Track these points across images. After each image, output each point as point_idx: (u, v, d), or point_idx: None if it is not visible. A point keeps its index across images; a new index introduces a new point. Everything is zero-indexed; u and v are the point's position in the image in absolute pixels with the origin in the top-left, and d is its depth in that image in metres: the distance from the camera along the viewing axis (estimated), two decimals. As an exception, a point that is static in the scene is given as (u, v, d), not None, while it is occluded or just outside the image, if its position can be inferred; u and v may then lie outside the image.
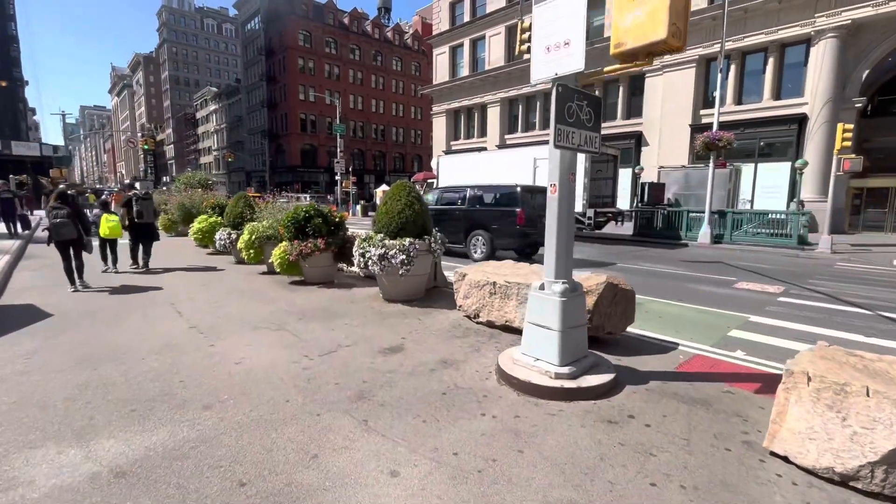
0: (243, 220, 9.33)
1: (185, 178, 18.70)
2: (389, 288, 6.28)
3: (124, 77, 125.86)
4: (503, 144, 32.95)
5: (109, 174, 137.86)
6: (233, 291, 7.00)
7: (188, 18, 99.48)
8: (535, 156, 18.02)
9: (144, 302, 6.31)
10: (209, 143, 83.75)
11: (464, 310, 5.40)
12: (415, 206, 6.19)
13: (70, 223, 7.12)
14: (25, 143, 39.51)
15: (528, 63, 30.46)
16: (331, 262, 7.55)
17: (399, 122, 69.34)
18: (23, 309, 5.85)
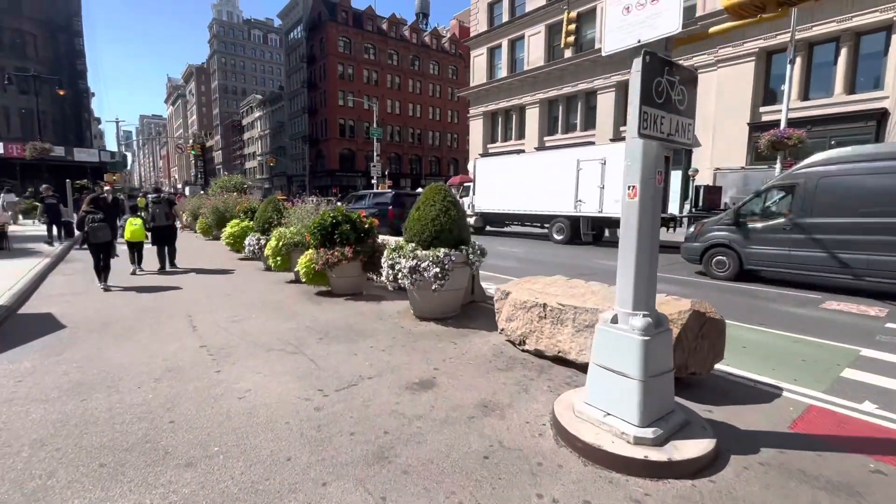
0: (271, 226, 8.94)
1: (221, 182, 18.85)
2: (421, 304, 5.58)
3: (178, 87, 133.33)
4: (542, 146, 31.80)
5: (164, 179, 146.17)
6: (255, 303, 6.53)
7: (236, 30, 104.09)
8: (578, 157, 16.93)
9: (162, 313, 5.92)
10: (254, 149, 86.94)
11: (507, 334, 4.61)
12: (450, 212, 5.47)
13: (106, 227, 7.60)
14: (86, 150, 42.09)
15: (569, 62, 29.34)
16: (359, 272, 6.95)
17: (435, 126, 69.21)
18: (39, 319, 5.58)
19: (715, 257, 9.47)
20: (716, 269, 9.46)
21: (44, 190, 14.64)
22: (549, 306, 4.07)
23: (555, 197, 17.70)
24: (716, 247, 9.46)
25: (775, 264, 8.65)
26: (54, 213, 13.34)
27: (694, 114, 2.78)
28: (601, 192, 16.12)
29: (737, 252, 9.13)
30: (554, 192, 17.71)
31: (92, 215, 7.58)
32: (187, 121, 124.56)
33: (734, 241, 9.20)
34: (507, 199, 19.47)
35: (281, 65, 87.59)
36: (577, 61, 29.44)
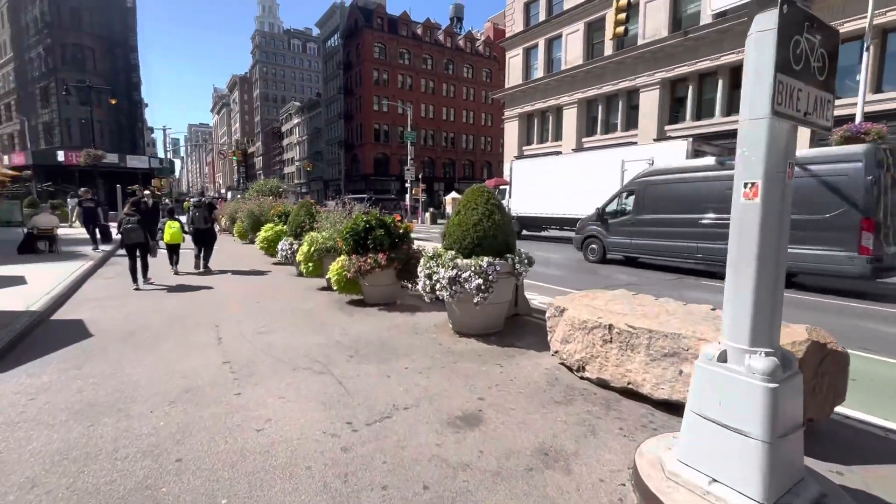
0: (304, 230, 8.67)
1: (257, 186, 19.03)
2: (461, 317, 5.04)
3: (223, 97, 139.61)
4: (580, 148, 30.67)
5: (209, 184, 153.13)
6: (284, 312, 6.19)
7: (277, 40, 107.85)
8: (623, 158, 15.96)
9: (189, 321, 5.67)
10: (292, 154, 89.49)
11: (562, 357, 3.99)
12: (494, 216, 4.90)
13: (139, 229, 7.87)
14: (137, 157, 44.38)
15: (609, 59, 28.11)
16: (393, 280, 6.50)
17: (469, 130, 68.81)
18: (69, 326, 5.44)
19: (589, 246, 12.33)
20: (589, 255, 12.28)
21: (81, 193, 14.12)
22: (616, 328, 3.43)
23: (597, 199, 16.76)
24: (589, 238, 12.33)
25: (623, 250, 11.44)
26: (91, 216, 12.87)
27: (834, 88, 2.11)
28: (648, 194, 15.08)
29: (602, 241, 11.82)
30: (596, 194, 16.77)
31: (129, 217, 7.92)
32: (231, 128, 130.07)
33: (599, 234, 11.97)
34: (545, 202, 18.68)
35: (318, 72, 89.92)
36: (618, 59, 28.24)
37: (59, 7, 46.30)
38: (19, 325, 5.06)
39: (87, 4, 48.34)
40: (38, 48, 46.71)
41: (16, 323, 5.11)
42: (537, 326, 5.43)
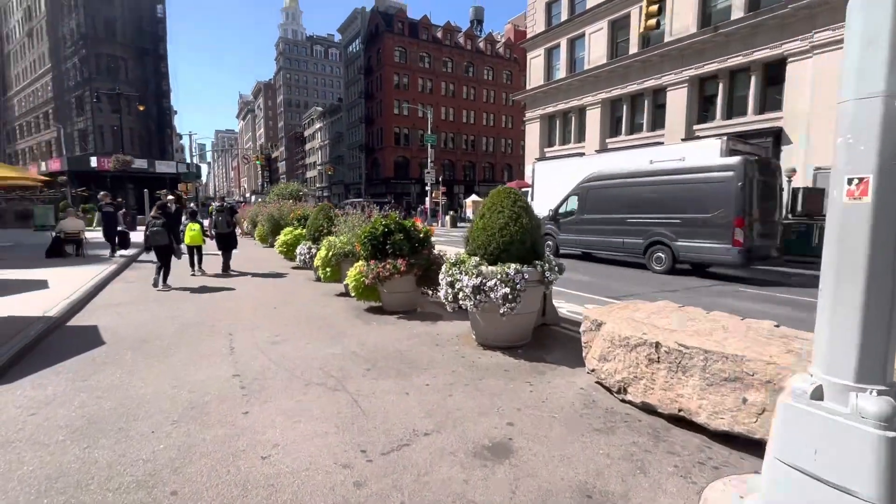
0: (322, 234, 8.47)
1: (277, 190, 19.10)
2: (485, 328, 4.69)
3: (248, 103, 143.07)
4: (603, 149, 29.91)
5: (235, 188, 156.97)
6: (299, 319, 5.96)
7: (300, 47, 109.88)
8: (652, 158, 15.29)
9: (203, 328, 5.49)
10: (314, 159, 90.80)
11: (599, 376, 3.59)
12: (521, 219, 4.54)
13: (163, 231, 8.16)
14: (165, 163, 45.66)
15: (635, 58, 27.31)
16: (413, 287, 6.20)
17: (489, 132, 68.43)
18: (83, 333, 5.32)
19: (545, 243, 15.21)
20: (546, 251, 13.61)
21: (101, 197, 13.63)
22: (664, 347, 3.02)
23: (624, 202, 16.17)
24: (545, 235, 12.39)
25: (572, 246, 13.00)
26: (111, 222, 12.34)
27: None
28: (679, 195, 14.41)
29: (555, 239, 13.32)
30: (622, 196, 16.19)
31: (154, 220, 8.27)
32: (255, 134, 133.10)
33: (553, 232, 13.27)
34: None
35: (340, 77, 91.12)
36: (643, 57, 27.47)
37: (94, 19, 48.19)
38: (33, 331, 4.96)
39: (120, 16, 50.19)
40: (74, 59, 48.68)
41: (30, 329, 5.01)
42: (568, 338, 5.03)
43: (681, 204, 10.31)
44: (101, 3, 48.38)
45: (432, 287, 6.23)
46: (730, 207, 9.41)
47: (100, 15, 48.57)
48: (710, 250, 9.80)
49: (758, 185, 9.66)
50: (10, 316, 5.63)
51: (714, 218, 9.67)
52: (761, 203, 9.76)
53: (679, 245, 10.41)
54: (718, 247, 9.59)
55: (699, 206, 9.95)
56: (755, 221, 9.53)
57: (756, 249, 9.59)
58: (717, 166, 10.06)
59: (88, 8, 47.49)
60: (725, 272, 10.88)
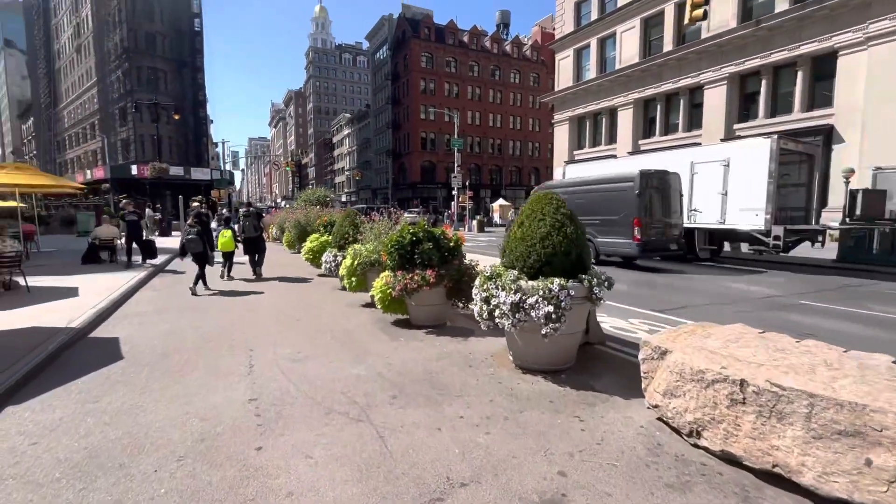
0: (347, 242, 8.19)
1: (305, 196, 19.12)
2: (524, 349, 4.21)
3: (280, 111, 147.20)
4: (636, 151, 28.84)
5: (267, 194, 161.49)
6: (323, 333, 5.63)
7: (329, 55, 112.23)
8: (692, 159, 14.40)
9: (224, 342, 5.24)
10: (342, 164, 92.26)
11: (664, 414, 3.06)
12: (565, 228, 4.05)
13: (198, 239, 8.54)
14: (201, 170, 47.17)
15: (669, 56, 26.23)
16: (443, 299, 5.78)
17: (516, 136, 67.67)
18: (103, 346, 5.16)
19: None
20: None
21: (124, 205, 12.77)
22: (751, 386, 2.48)
23: (662, 206, 15.31)
24: None
25: None
26: (134, 231, 11.37)
27: None
28: (723, 199, 13.48)
29: None
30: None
31: (190, 229, 8.68)
32: (286, 141, 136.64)
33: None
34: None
35: (368, 84, 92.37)
36: (679, 54, 26.38)
37: (136, 33, 50.45)
38: (53, 344, 4.82)
39: (160, 30, 52.40)
40: (118, 72, 51.05)
41: (50, 342, 4.88)
42: (617, 361, 4.50)
43: (600, 208, 12.59)
44: (143, 19, 50.64)
45: (463, 300, 5.80)
46: (631, 210, 11.74)
47: (141, 29, 50.82)
48: (620, 244, 12.12)
49: (654, 193, 12.09)
50: (36, 326, 5.55)
51: (621, 219, 12.02)
52: (657, 207, 12.16)
53: (599, 241, 12.63)
54: (624, 241, 11.86)
55: (612, 210, 12.31)
56: (651, 221, 11.88)
57: (652, 244, 11.90)
58: (622, 177, 12.45)
59: (131, 23, 49.77)
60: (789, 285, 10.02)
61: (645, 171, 12.19)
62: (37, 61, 74.59)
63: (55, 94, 69.04)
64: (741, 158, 13.07)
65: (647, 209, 11.82)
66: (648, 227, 11.75)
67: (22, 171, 11.34)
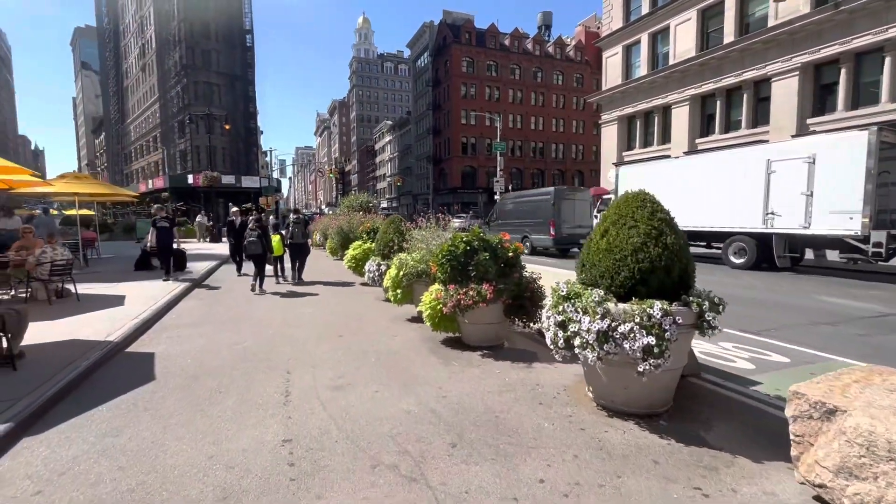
0: (392, 251, 7.65)
1: (347, 201, 18.97)
2: (610, 387, 3.42)
3: (325, 120, 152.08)
4: (692, 150, 26.86)
5: (312, 201, 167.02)
6: (367, 353, 5.06)
7: (371, 65, 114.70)
8: (769, 157, 12.88)
9: (261, 361, 4.78)
10: (384, 171, 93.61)
11: (833, 495, 2.19)
12: (665, 237, 3.24)
13: (258, 242, 9.24)
14: (250, 178, 49.00)
15: (731, 47, 24.30)
16: (500, 317, 5.07)
17: (559, 138, 65.87)
18: (137, 362, 4.84)
19: None
20: None
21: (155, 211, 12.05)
22: None
23: (731, 209, 13.81)
24: None
25: None
26: (166, 239, 10.26)
27: None
28: (807, 200, 11.90)
29: None
30: (730, 202, 13.84)
31: (251, 232, 9.37)
32: (331, 149, 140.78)
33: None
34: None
35: (409, 92, 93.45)
36: (742, 45, 24.37)
37: (194, 51, 53.45)
38: (87, 362, 4.53)
39: (214, 47, 55.25)
40: (177, 88, 54.24)
41: (84, 359, 4.60)
42: (723, 402, 3.61)
43: (532, 213, 18.31)
44: (199, 37, 53.58)
45: (524, 318, 5.06)
46: (548, 214, 17.36)
47: (198, 47, 53.79)
48: (543, 239, 17.42)
49: (565, 204, 17.47)
50: (76, 339, 5.35)
51: (544, 221, 17.48)
52: (567, 214, 17.42)
53: (532, 237, 17.90)
54: (545, 237, 16.87)
55: (539, 214, 17.88)
56: (563, 223, 17.18)
57: (563, 240, 16.97)
58: (545, 191, 18.73)
59: (189, 41, 52.77)
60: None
61: (559, 188, 18.74)
62: (108, 80, 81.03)
63: (123, 110, 74.56)
64: (831, 154, 11.49)
65: (559, 214, 17.22)
66: (560, 227, 17.13)
67: (81, 180, 11.76)
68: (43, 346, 5.00)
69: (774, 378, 4.23)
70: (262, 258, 9.32)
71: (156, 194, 49.19)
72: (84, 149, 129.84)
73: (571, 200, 17.77)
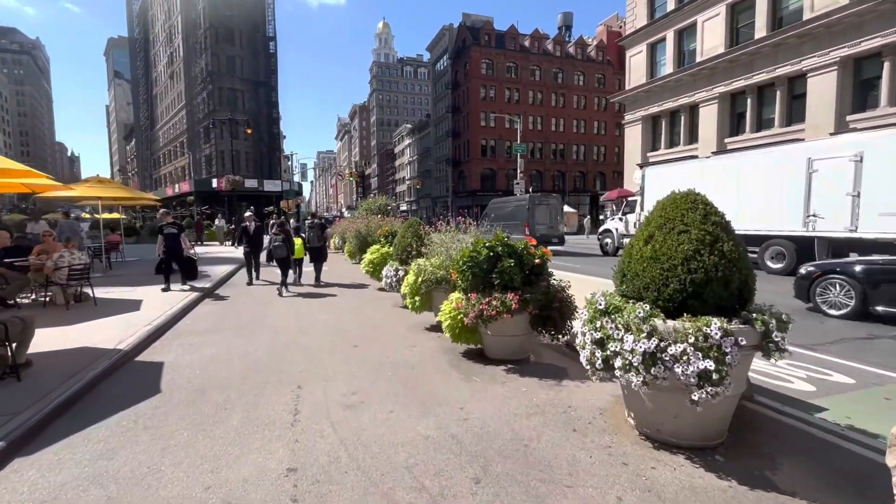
0: (410, 256, 7.33)
1: (366, 204, 18.80)
2: (656, 414, 3.00)
3: (345, 125, 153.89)
4: (721, 150, 25.83)
5: (333, 204, 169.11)
6: (382, 366, 4.75)
7: (391, 69, 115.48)
8: (810, 155, 12.10)
9: (272, 374, 4.52)
10: (403, 174, 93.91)
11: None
12: (720, 244, 2.82)
13: (283, 246, 9.53)
14: (272, 182, 49.74)
15: (762, 42, 23.23)
16: (525, 328, 4.68)
17: (580, 139, 64.74)
18: (145, 373, 4.64)
19: None
20: None
21: (160, 215, 11.10)
22: None
23: (768, 210, 13.05)
24: None
25: None
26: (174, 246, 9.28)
27: None
28: (854, 201, 11.11)
29: None
30: (766, 203, 13.08)
31: (275, 237, 9.62)
32: (351, 153, 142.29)
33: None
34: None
35: (428, 95, 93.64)
36: (775, 40, 23.30)
37: (219, 58, 54.66)
38: (93, 372, 4.35)
39: (239, 53, 56.40)
40: (203, 94, 55.55)
41: (90, 369, 4.42)
42: (785, 432, 3.14)
43: (512, 216, 20.31)
44: (225, 44, 54.79)
45: (551, 330, 4.66)
46: (524, 217, 19.68)
47: (224, 54, 55.00)
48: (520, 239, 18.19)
49: (539, 207, 20.37)
50: (87, 347, 5.21)
51: (521, 222, 19.42)
52: (541, 216, 20.16)
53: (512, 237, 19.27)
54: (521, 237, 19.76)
55: (517, 217, 20.04)
56: (537, 224, 19.54)
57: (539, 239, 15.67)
58: (523, 197, 22.12)
59: (215, 48, 54.01)
60: None
61: (533, 195, 22.41)
62: (138, 88, 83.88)
63: (152, 117, 76.96)
64: (881, 151, 10.69)
65: (534, 216, 19.69)
66: (534, 228, 19.13)
67: (103, 184, 11.89)
68: (53, 354, 4.87)
69: (841, 403, 3.73)
70: (287, 261, 9.69)
71: (182, 198, 50.41)
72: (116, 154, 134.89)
73: (545, 205, 20.72)
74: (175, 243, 9.40)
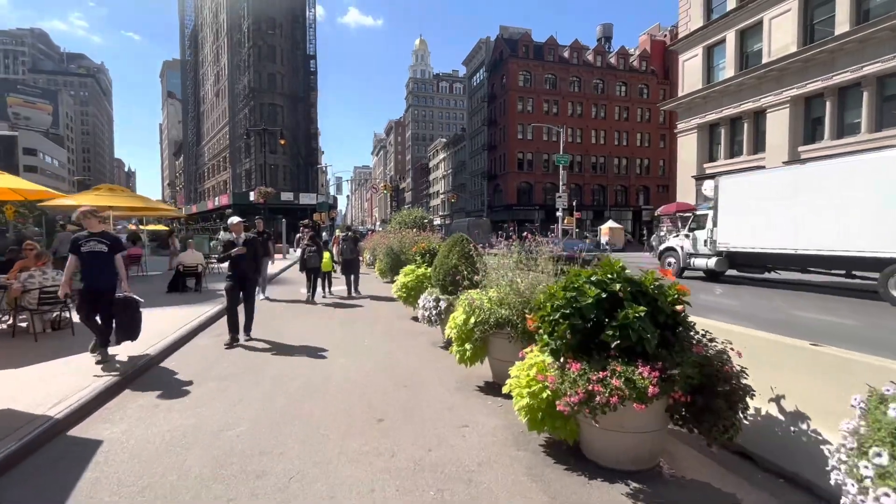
0: (457, 283, 5.55)
1: (399, 217, 17.25)
2: None
3: (381, 140, 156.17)
4: (794, 159, 22.81)
5: (368, 217, 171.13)
6: (422, 469, 2.95)
7: (427, 85, 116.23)
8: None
9: (248, 475, 2.85)
10: (437, 188, 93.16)
11: None
12: None
13: (317, 256, 9.96)
14: (307, 194, 49.73)
15: (844, 39, 20.13)
16: (658, 421, 2.78)
17: (622, 152, 61.74)
18: (66, 460, 3.04)
19: None
20: None
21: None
22: None
23: (890, 228, 10.47)
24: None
25: None
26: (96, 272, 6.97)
27: None
28: None
29: None
30: (888, 219, 10.51)
31: (308, 247, 9.99)
32: (386, 167, 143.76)
33: None
34: (775, 232, 12.84)
35: (463, 110, 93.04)
36: (860, 35, 20.42)
37: (261, 75, 55.92)
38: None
39: (279, 70, 57.57)
40: (245, 110, 56.83)
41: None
42: None
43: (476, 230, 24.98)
44: (266, 61, 56.05)
45: (708, 425, 2.74)
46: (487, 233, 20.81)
47: (265, 71, 56.23)
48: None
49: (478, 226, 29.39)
50: (9, 409, 3.73)
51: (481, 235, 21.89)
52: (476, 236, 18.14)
53: None
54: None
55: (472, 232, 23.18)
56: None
57: None
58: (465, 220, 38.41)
59: (257, 66, 55.31)
60: None
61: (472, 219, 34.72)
62: (188, 107, 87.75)
63: (199, 133, 80.00)
64: None
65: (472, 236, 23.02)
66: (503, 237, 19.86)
67: (115, 192, 10.95)
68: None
69: None
70: (318, 271, 10.18)
71: (221, 211, 51.17)
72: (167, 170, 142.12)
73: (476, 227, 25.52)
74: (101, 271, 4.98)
